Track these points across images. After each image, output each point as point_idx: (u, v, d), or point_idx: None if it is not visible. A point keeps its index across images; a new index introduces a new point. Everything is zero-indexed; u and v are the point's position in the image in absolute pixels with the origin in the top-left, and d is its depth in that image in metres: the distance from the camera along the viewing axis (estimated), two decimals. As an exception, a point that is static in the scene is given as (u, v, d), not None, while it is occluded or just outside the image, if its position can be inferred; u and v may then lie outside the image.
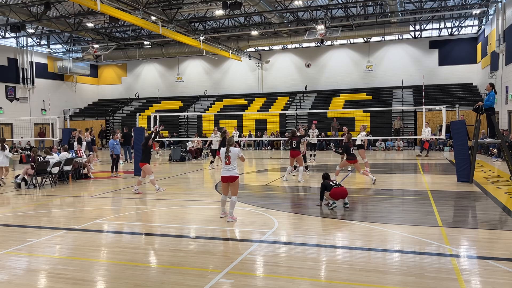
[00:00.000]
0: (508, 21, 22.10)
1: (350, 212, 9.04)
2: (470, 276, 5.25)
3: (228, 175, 8.18)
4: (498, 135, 12.89)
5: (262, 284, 5.13)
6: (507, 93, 22.59)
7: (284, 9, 25.29)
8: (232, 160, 8.21)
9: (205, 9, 25.44)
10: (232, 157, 8.20)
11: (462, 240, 6.84)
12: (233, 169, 8.20)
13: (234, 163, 8.24)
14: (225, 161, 8.23)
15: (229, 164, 8.20)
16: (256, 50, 36.04)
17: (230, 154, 8.21)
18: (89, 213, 9.35)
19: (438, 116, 26.43)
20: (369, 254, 6.17)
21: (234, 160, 8.25)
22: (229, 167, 8.20)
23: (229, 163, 8.20)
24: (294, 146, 13.32)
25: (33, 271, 5.74)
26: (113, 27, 28.42)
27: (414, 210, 9.14)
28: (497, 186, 11.79)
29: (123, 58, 35.66)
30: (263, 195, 11.69)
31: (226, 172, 8.21)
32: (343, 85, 33.96)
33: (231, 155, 8.21)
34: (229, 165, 8.20)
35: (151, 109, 35.43)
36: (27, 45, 33.53)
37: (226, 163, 8.22)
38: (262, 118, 32.23)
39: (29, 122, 32.26)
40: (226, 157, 8.20)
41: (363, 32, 28.96)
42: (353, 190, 11.97)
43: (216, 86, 37.77)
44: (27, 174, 13.18)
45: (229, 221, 8.05)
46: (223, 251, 6.42)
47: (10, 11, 23.15)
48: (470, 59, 31.12)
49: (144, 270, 5.70)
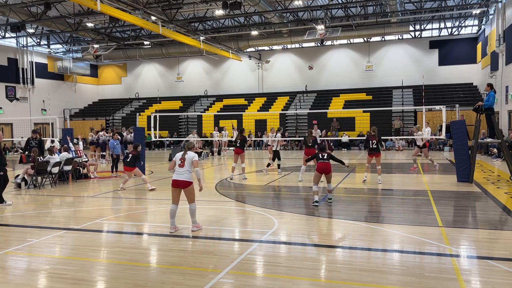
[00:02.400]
0: (508, 21, 22.10)
1: (350, 212, 9.06)
2: (470, 276, 5.25)
3: (180, 180, 7.41)
4: (498, 135, 12.89)
5: (262, 284, 5.13)
6: (507, 93, 22.59)
7: (284, 9, 25.29)
8: (187, 163, 7.48)
9: (205, 9, 25.45)
10: (187, 160, 7.51)
11: (462, 240, 6.84)
12: (186, 173, 7.41)
13: (188, 167, 7.47)
14: (179, 163, 7.53)
15: (183, 166, 7.46)
16: (256, 50, 36.04)
17: (186, 157, 7.55)
18: (89, 213, 9.35)
19: (438, 116, 26.43)
20: (369, 254, 6.17)
21: (189, 164, 7.51)
22: (182, 170, 7.45)
23: (183, 165, 7.46)
24: (310, 144, 13.62)
25: (33, 271, 5.74)
26: (113, 27, 28.44)
27: (414, 210, 9.14)
28: (497, 186, 11.79)
29: (123, 58, 35.67)
30: (263, 195, 11.69)
31: (178, 175, 7.44)
32: (343, 85, 33.96)
33: (186, 158, 7.54)
34: (182, 168, 7.45)
35: (151, 109, 35.44)
36: (27, 45, 33.53)
37: (180, 165, 7.50)
38: (262, 118, 32.24)
39: (29, 122, 32.24)
40: (181, 159, 7.52)
41: (363, 32, 28.96)
42: (353, 190, 11.98)
43: (216, 86, 37.78)
44: (27, 174, 13.18)
45: (193, 230, 7.44)
46: (223, 251, 6.42)
47: (10, 11, 23.16)
48: (470, 59, 31.12)
49: (144, 270, 5.70)
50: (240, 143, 14.23)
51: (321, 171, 9.67)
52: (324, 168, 9.65)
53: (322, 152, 9.93)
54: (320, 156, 9.80)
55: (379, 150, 12.93)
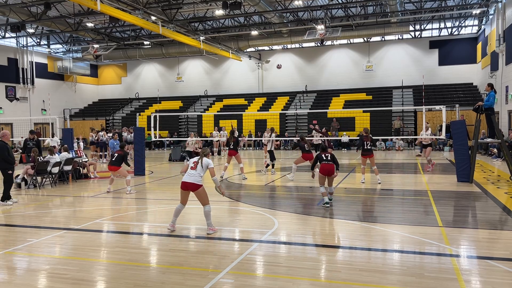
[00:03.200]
0: (508, 21, 22.10)
1: (350, 212, 9.06)
2: (470, 276, 5.25)
3: (189, 182, 7.34)
4: (498, 135, 12.89)
5: (262, 284, 5.13)
6: (507, 93, 22.59)
7: (284, 9, 25.29)
8: (200, 167, 7.39)
9: (205, 9, 25.45)
10: (201, 164, 7.42)
11: (462, 240, 6.84)
12: (196, 176, 7.34)
13: (200, 172, 7.39)
14: (191, 165, 7.47)
15: (194, 169, 7.39)
16: (256, 50, 36.04)
17: (202, 162, 7.46)
18: (89, 213, 9.35)
19: (438, 116, 26.44)
20: (369, 254, 6.17)
21: (201, 169, 7.40)
22: (193, 172, 7.38)
23: (195, 168, 7.40)
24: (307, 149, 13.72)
25: (33, 271, 5.74)
26: (113, 27, 28.44)
27: (414, 210, 9.14)
28: (497, 186, 11.79)
29: (123, 58, 35.67)
30: (263, 195, 11.69)
31: (188, 177, 7.37)
32: (343, 85, 33.97)
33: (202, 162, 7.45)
34: (194, 171, 7.38)
35: (151, 109, 35.44)
36: (27, 45, 33.52)
37: (192, 168, 7.43)
38: (262, 118, 32.24)
39: (29, 122, 32.24)
40: (194, 163, 7.47)
41: (363, 32, 28.96)
42: (353, 190, 11.98)
43: (216, 86, 37.78)
44: (27, 174, 13.18)
45: (208, 233, 7.31)
46: (223, 251, 6.42)
47: (10, 11, 23.15)
48: (470, 59, 31.13)
49: (144, 270, 5.70)
50: (233, 145, 14.32)
51: (325, 172, 9.26)
52: (328, 170, 9.22)
53: (324, 152, 9.48)
54: (324, 157, 9.34)
55: (372, 151, 12.93)
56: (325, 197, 9.25)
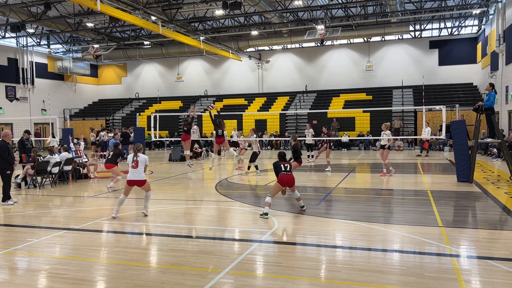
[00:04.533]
0: (508, 21, 22.10)
1: (350, 212, 9.05)
2: (470, 276, 5.25)
3: (136, 179, 8.62)
4: (498, 135, 12.89)
5: (262, 284, 5.13)
6: (507, 93, 22.59)
7: (284, 9, 25.29)
8: (140, 164, 8.63)
9: (205, 9, 25.44)
10: (140, 162, 8.63)
11: (462, 240, 6.84)
12: (141, 174, 8.64)
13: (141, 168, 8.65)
14: (132, 165, 8.62)
15: (136, 168, 8.60)
16: (256, 50, 36.04)
17: (138, 159, 8.62)
18: (89, 213, 9.35)
19: (438, 116, 26.43)
20: (369, 254, 6.17)
21: (142, 164, 8.67)
22: (136, 171, 8.60)
23: (136, 167, 8.60)
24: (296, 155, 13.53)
25: (33, 271, 5.74)
26: (113, 27, 28.42)
27: (414, 210, 9.14)
28: (497, 186, 11.79)
29: (123, 58, 35.66)
30: (263, 195, 11.67)
31: (133, 176, 8.60)
32: (343, 85, 33.96)
33: (139, 160, 8.62)
34: (136, 169, 8.60)
35: (151, 109, 35.43)
36: (27, 45, 33.52)
37: (133, 167, 8.61)
38: (262, 118, 32.23)
39: (29, 122, 32.25)
40: (134, 161, 8.61)
41: (363, 32, 28.96)
42: (353, 190, 11.98)
43: (216, 86, 37.77)
44: (27, 174, 13.18)
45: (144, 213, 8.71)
46: (223, 251, 6.42)
47: (10, 11, 23.15)
48: (470, 59, 31.12)
49: (144, 270, 5.70)
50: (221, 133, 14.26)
51: (284, 183, 8.47)
52: (288, 181, 8.47)
53: (283, 162, 8.73)
54: (283, 168, 8.57)
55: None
56: (267, 207, 8.37)
